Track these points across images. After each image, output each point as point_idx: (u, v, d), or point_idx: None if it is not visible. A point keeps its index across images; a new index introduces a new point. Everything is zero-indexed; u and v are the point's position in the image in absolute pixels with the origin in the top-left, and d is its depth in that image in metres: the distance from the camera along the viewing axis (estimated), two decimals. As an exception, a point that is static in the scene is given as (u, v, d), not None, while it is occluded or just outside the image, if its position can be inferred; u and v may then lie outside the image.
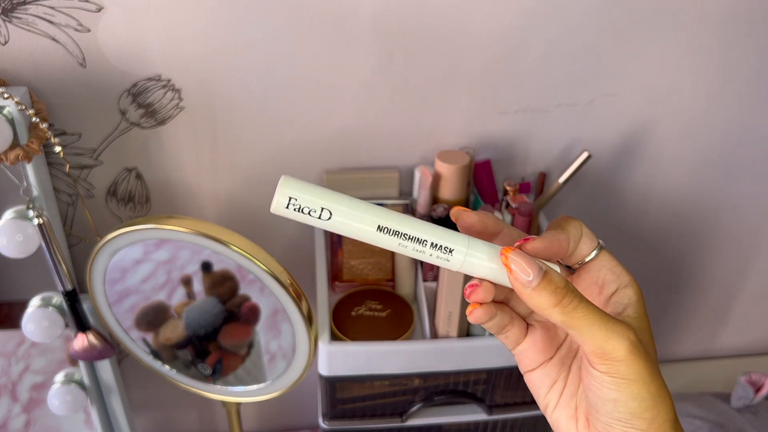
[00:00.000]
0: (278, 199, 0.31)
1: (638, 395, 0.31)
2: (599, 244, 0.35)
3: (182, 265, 0.62)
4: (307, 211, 0.32)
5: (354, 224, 0.32)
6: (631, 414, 0.31)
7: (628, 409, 0.31)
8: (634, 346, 0.30)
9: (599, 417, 0.32)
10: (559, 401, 0.35)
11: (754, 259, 0.91)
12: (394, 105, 0.69)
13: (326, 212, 0.32)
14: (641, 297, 0.34)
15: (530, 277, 0.31)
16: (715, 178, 0.81)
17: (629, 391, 0.31)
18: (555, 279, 0.31)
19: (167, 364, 0.69)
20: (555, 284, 0.31)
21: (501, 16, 0.65)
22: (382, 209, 0.32)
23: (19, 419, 0.74)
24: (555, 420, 0.36)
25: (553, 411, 0.36)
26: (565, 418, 0.35)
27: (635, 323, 0.33)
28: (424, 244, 0.32)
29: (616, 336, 0.30)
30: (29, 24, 0.59)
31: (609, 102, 0.72)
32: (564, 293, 0.30)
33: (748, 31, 0.70)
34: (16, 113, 0.56)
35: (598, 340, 0.30)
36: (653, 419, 0.31)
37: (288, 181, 0.31)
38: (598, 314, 0.31)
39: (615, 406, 0.31)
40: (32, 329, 0.64)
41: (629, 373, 0.31)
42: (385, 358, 0.63)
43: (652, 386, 0.31)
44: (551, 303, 0.30)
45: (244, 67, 0.65)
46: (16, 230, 0.58)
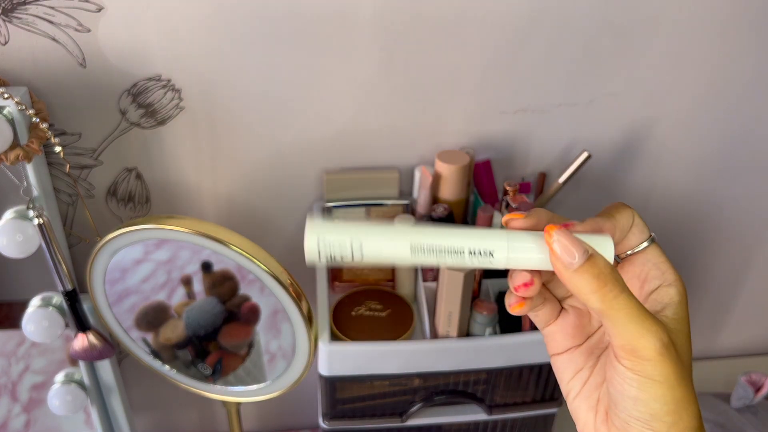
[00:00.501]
0: (308, 245, 0.30)
1: (661, 398, 0.30)
2: (650, 237, 0.34)
3: (182, 265, 0.62)
4: (339, 250, 0.30)
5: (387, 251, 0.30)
6: (651, 415, 0.30)
7: (649, 409, 0.30)
8: (665, 348, 0.29)
9: (618, 413, 0.32)
10: (582, 390, 0.35)
11: (754, 259, 0.91)
12: (394, 105, 0.69)
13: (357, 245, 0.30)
14: (684, 298, 0.33)
15: (574, 258, 0.30)
16: (715, 177, 0.81)
17: (653, 392, 0.30)
18: (600, 264, 0.30)
19: (167, 364, 0.69)
20: (599, 269, 0.30)
21: (501, 16, 0.65)
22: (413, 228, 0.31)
23: (19, 419, 0.74)
24: (575, 408, 0.35)
25: (573, 399, 0.35)
26: (584, 408, 0.34)
27: (672, 324, 0.32)
28: (462, 254, 0.31)
29: (649, 334, 0.29)
30: (29, 24, 0.59)
31: (609, 102, 0.72)
32: (607, 280, 0.30)
33: (747, 31, 0.70)
34: (16, 113, 0.56)
35: (630, 336, 0.30)
36: (673, 424, 0.30)
37: (313, 226, 0.30)
38: (636, 308, 0.30)
39: (635, 405, 0.31)
40: (32, 329, 0.64)
41: (655, 374, 0.30)
42: (385, 358, 0.63)
43: (678, 391, 0.30)
44: (592, 288, 0.30)
45: (244, 67, 0.65)
46: (16, 230, 0.58)
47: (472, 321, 0.64)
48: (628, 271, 0.35)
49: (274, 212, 0.75)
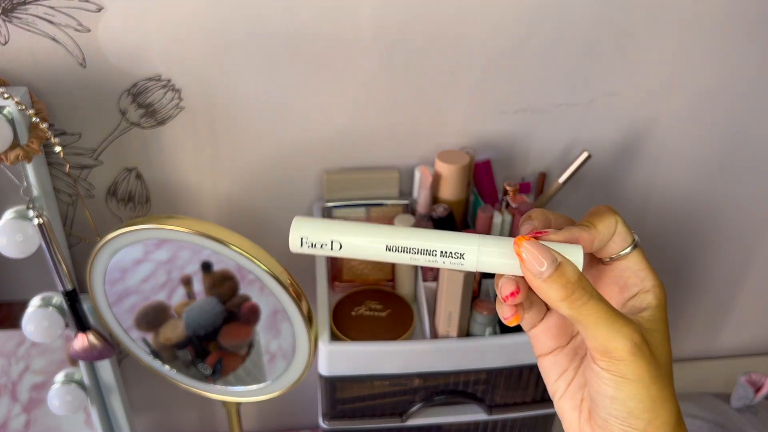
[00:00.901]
0: (292, 239, 0.33)
1: (636, 396, 0.31)
2: (633, 243, 0.34)
3: (182, 265, 0.62)
4: (320, 246, 0.33)
5: (364, 249, 0.33)
6: (628, 413, 0.31)
7: (626, 408, 0.31)
8: (636, 348, 0.30)
9: (599, 412, 0.32)
10: (566, 391, 0.35)
11: (754, 258, 0.91)
12: (394, 105, 0.69)
13: (336, 243, 0.33)
14: (662, 303, 0.34)
15: (543, 267, 0.30)
16: (715, 177, 0.81)
17: (627, 391, 0.31)
18: (568, 272, 0.30)
19: (167, 364, 0.69)
20: (567, 278, 0.30)
21: (501, 16, 0.65)
22: (389, 228, 0.33)
23: (19, 419, 0.74)
24: (560, 408, 0.36)
25: (559, 399, 0.36)
26: (569, 408, 0.35)
27: (647, 325, 0.32)
28: (434, 254, 0.33)
29: (620, 336, 0.30)
30: (29, 24, 0.59)
31: (609, 102, 0.72)
32: (575, 288, 0.30)
33: (747, 31, 0.70)
34: (16, 113, 0.56)
35: (602, 338, 0.30)
36: (651, 421, 0.31)
37: (298, 223, 0.33)
38: (606, 312, 0.30)
39: (612, 404, 0.31)
40: (32, 329, 0.64)
41: (629, 374, 0.31)
42: (385, 358, 0.63)
43: (653, 389, 0.31)
44: (560, 296, 0.30)
45: (244, 67, 0.65)
46: (16, 230, 0.58)
47: (472, 321, 0.64)
48: (609, 276, 0.35)
49: (274, 212, 0.75)
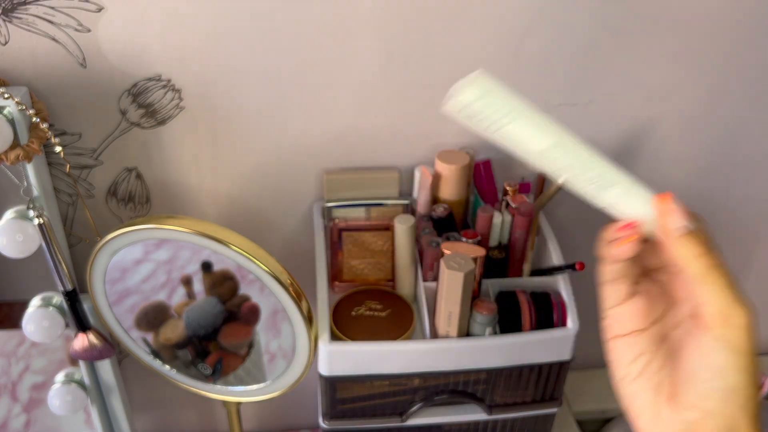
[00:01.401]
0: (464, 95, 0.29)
1: (745, 369, 0.31)
2: None
3: (182, 265, 0.62)
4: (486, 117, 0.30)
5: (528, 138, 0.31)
6: (734, 387, 0.31)
7: (733, 380, 0.31)
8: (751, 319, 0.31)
9: (696, 385, 0.32)
10: (643, 372, 0.35)
11: (754, 258, 0.91)
12: (394, 105, 0.69)
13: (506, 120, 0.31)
14: None
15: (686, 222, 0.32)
16: (715, 178, 0.81)
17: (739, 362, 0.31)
18: (706, 233, 0.32)
19: (167, 364, 0.69)
20: (706, 236, 0.32)
21: (500, 15, 0.65)
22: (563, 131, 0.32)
23: (19, 419, 0.74)
24: (633, 391, 0.36)
25: (632, 381, 0.36)
26: (645, 389, 0.35)
27: None
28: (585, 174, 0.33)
29: (740, 301, 0.31)
30: (29, 24, 0.59)
31: (609, 102, 0.72)
32: (712, 247, 0.32)
33: (747, 31, 0.70)
34: (16, 113, 0.56)
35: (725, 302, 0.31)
36: (750, 398, 0.31)
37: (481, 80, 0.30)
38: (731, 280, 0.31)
39: (720, 375, 0.31)
40: (32, 329, 0.64)
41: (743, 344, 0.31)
42: (385, 358, 0.63)
43: (755, 367, 0.31)
44: (698, 252, 0.32)
45: (244, 67, 0.65)
46: (16, 230, 0.59)
47: (472, 321, 0.64)
48: None
49: (274, 212, 0.75)
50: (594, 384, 0.95)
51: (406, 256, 0.68)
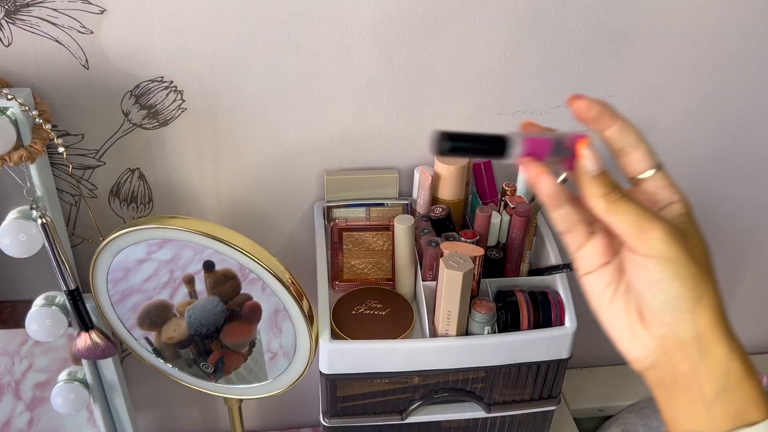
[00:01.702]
0: None
1: (679, 274, 0.34)
2: (657, 165, 0.38)
3: (184, 264, 0.62)
4: None
5: None
6: (675, 295, 0.34)
7: (672, 289, 0.34)
8: (669, 229, 0.34)
9: (649, 305, 0.35)
10: (613, 298, 0.38)
11: (752, 258, 0.91)
12: (394, 106, 0.70)
13: None
14: (689, 211, 0.38)
15: (596, 165, 0.36)
16: (712, 178, 0.82)
17: (670, 270, 0.34)
18: (609, 176, 0.36)
19: (169, 363, 0.69)
20: (608, 179, 0.36)
21: (499, 17, 0.65)
22: None
23: (23, 417, 0.75)
24: (609, 316, 0.39)
25: (607, 307, 0.39)
26: (620, 311, 0.38)
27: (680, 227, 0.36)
28: None
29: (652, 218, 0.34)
30: (32, 26, 0.59)
31: (608, 102, 0.72)
32: (612, 188, 0.36)
33: (746, 31, 0.71)
34: (19, 114, 0.56)
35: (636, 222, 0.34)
36: (698, 300, 0.34)
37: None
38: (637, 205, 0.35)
39: (660, 287, 0.34)
40: (36, 328, 0.64)
41: (667, 251, 0.34)
42: (385, 356, 0.64)
43: (693, 268, 0.34)
44: (600, 192, 0.35)
45: (246, 68, 0.65)
46: (19, 230, 0.59)
47: (471, 320, 0.65)
48: (641, 193, 0.39)
49: (275, 212, 0.76)
50: (592, 382, 0.95)
51: (405, 255, 0.68)
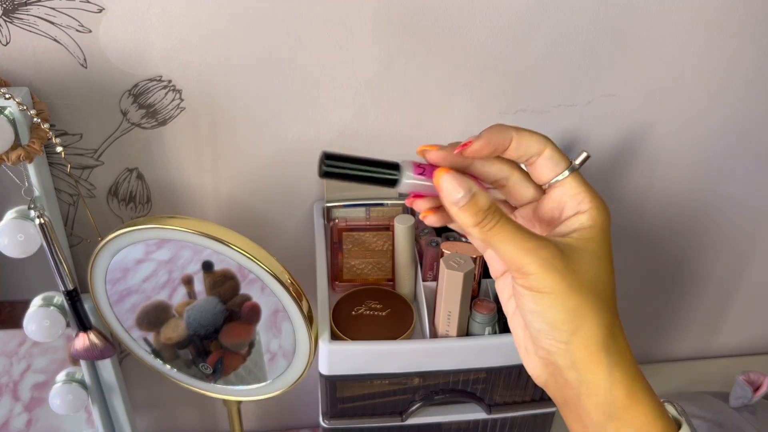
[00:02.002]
0: None
1: (552, 307, 0.33)
2: (568, 167, 0.36)
3: (183, 264, 0.62)
4: None
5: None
6: (549, 325, 0.33)
7: (546, 319, 0.33)
8: (545, 262, 0.32)
9: (529, 329, 0.35)
10: (515, 312, 0.38)
11: (752, 258, 0.91)
12: (395, 105, 0.69)
13: None
14: (598, 223, 0.35)
15: (459, 195, 0.33)
16: (714, 178, 0.82)
17: (544, 303, 0.33)
18: (480, 201, 0.33)
19: (168, 364, 0.69)
20: (479, 206, 0.33)
21: (500, 17, 0.65)
22: None
23: (21, 418, 0.74)
24: (512, 326, 0.39)
25: (511, 317, 0.39)
26: (518, 325, 0.38)
27: (575, 243, 0.34)
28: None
29: (527, 252, 0.32)
30: (31, 25, 0.59)
31: (608, 102, 0.72)
32: (485, 215, 0.33)
33: (746, 31, 0.70)
34: (17, 114, 0.56)
35: (511, 256, 0.33)
36: (573, 332, 0.33)
37: None
38: (513, 233, 0.33)
39: (535, 317, 0.33)
40: (34, 329, 0.64)
41: (542, 286, 0.32)
42: (385, 357, 0.63)
43: (570, 301, 0.33)
44: (472, 222, 0.33)
45: (245, 67, 0.65)
46: (17, 230, 0.59)
47: (472, 320, 0.64)
48: (549, 204, 0.37)
49: (274, 212, 0.75)
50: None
51: (405, 255, 0.68)
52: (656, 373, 0.97)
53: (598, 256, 0.34)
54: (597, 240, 0.34)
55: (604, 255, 0.34)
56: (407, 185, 0.35)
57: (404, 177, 0.34)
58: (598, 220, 0.35)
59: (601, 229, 0.35)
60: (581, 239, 0.34)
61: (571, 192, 0.35)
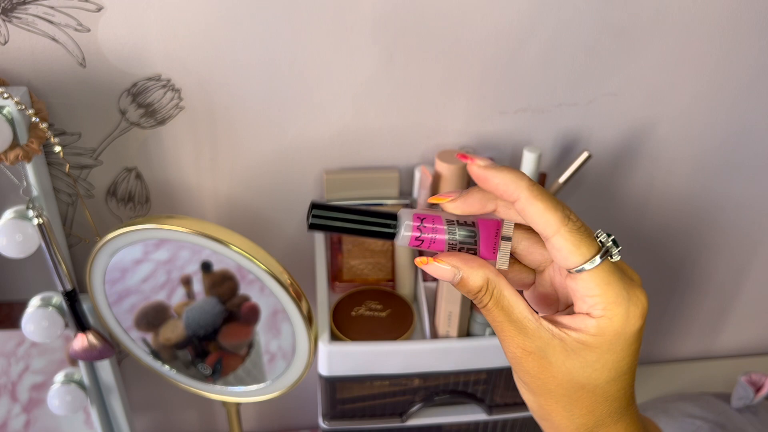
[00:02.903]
0: None
1: (523, 393, 0.34)
2: (587, 260, 0.29)
3: (182, 265, 0.62)
4: None
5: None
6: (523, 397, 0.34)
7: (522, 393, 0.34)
8: (517, 361, 0.31)
9: None
10: None
11: (754, 258, 0.91)
12: (394, 105, 0.69)
13: None
14: (608, 334, 0.30)
15: (451, 277, 0.31)
16: (715, 177, 0.81)
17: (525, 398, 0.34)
18: (468, 284, 0.31)
19: (167, 364, 0.69)
20: (468, 288, 0.31)
21: (501, 16, 0.65)
22: None
23: (19, 419, 0.74)
24: None
25: None
26: None
27: (571, 345, 0.30)
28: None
29: (507, 344, 0.31)
30: (29, 24, 0.59)
31: (609, 102, 0.72)
32: (474, 295, 0.31)
33: (747, 31, 0.70)
34: (15, 113, 0.56)
35: (500, 339, 0.32)
36: (542, 419, 0.34)
37: None
38: (502, 321, 0.31)
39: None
40: (32, 329, 0.64)
41: (516, 377, 0.33)
42: (385, 358, 0.63)
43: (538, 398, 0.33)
44: (470, 297, 0.31)
45: (244, 67, 0.65)
46: (15, 230, 0.58)
47: (472, 321, 0.64)
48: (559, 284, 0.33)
49: (274, 212, 0.75)
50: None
51: (405, 256, 0.68)
52: (658, 373, 0.97)
53: (591, 366, 0.30)
54: (599, 351, 0.30)
55: (603, 365, 0.30)
56: (407, 237, 0.31)
57: (402, 228, 0.31)
58: (608, 330, 0.29)
59: (609, 340, 0.30)
60: (579, 343, 0.30)
61: (583, 291, 0.30)
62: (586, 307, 0.30)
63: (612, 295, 0.29)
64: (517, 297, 0.31)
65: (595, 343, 0.30)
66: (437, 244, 0.31)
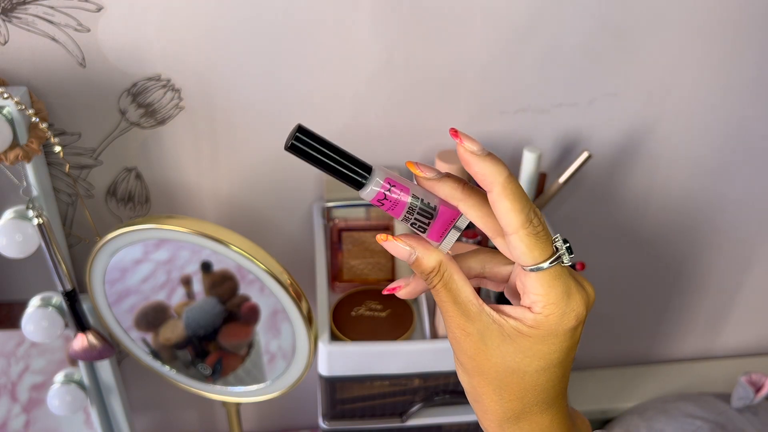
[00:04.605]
0: None
1: (459, 375, 0.35)
2: (535, 265, 0.31)
3: (182, 265, 0.62)
4: None
5: None
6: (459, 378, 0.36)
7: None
8: (456, 342, 0.33)
9: None
10: None
11: (755, 258, 0.91)
12: (394, 105, 0.69)
13: None
14: (543, 328, 0.32)
15: (407, 256, 0.34)
16: (715, 177, 0.81)
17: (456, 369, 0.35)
18: (423, 264, 0.33)
19: (167, 365, 0.69)
20: (422, 268, 0.33)
21: (501, 16, 0.65)
22: None
23: (19, 419, 0.74)
24: None
25: None
26: None
27: (508, 331, 0.33)
28: None
29: (449, 326, 0.33)
30: (29, 24, 0.59)
31: (609, 102, 0.72)
32: (426, 275, 0.33)
33: (747, 30, 0.70)
34: (15, 113, 0.56)
35: (443, 319, 0.34)
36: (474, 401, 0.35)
37: None
38: (448, 304, 0.33)
39: None
40: (32, 329, 0.64)
41: (455, 358, 0.35)
42: (385, 358, 0.63)
43: (472, 379, 0.34)
44: (422, 277, 0.34)
45: (244, 66, 0.65)
46: (15, 230, 0.58)
47: (472, 321, 0.64)
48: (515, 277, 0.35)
49: (274, 212, 0.75)
50: (594, 384, 0.95)
51: (406, 256, 0.68)
52: (658, 373, 0.97)
53: (523, 353, 0.33)
54: (531, 340, 0.32)
55: (534, 354, 0.33)
56: (373, 193, 0.32)
57: (372, 183, 0.32)
58: (543, 326, 0.32)
59: (542, 333, 0.32)
60: (515, 330, 0.32)
61: (529, 288, 0.32)
62: (528, 301, 0.33)
63: (554, 296, 0.32)
64: (464, 282, 0.33)
65: (530, 333, 0.33)
66: (395, 211, 0.33)
